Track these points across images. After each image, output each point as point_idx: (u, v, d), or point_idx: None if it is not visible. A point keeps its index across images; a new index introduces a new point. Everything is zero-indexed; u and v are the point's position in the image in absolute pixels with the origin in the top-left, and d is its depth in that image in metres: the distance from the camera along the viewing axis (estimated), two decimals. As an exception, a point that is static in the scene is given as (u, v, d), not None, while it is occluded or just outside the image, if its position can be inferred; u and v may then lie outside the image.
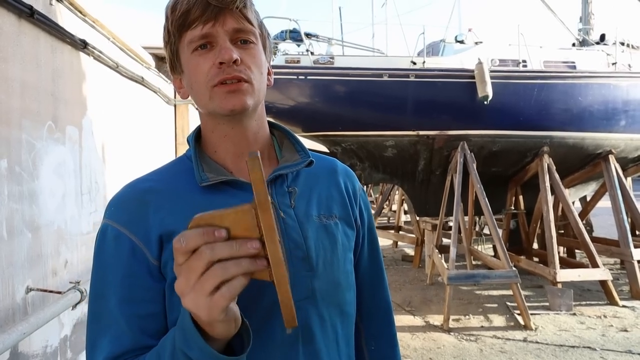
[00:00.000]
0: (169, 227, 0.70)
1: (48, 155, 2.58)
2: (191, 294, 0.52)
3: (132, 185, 0.76)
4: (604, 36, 8.51)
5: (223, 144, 0.78)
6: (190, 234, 0.53)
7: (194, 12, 0.70)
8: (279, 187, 0.77)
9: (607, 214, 7.62)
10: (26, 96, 2.37)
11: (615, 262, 7.84)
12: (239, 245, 0.52)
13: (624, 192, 6.60)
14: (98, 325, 0.69)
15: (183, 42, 0.73)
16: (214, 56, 0.71)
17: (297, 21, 7.17)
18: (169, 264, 0.69)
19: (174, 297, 0.67)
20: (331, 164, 0.90)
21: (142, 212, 0.71)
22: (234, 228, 0.53)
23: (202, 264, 0.51)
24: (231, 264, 0.52)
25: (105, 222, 0.73)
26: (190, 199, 0.72)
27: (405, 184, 7.50)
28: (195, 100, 0.77)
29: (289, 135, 0.87)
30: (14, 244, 2.20)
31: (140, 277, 0.69)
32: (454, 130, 6.57)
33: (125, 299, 0.68)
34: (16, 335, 1.96)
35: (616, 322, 5.14)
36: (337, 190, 0.85)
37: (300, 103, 6.74)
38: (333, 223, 0.80)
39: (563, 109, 6.59)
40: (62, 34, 2.74)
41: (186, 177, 0.75)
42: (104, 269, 0.70)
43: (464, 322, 5.28)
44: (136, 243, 0.69)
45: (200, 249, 0.52)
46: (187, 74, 0.75)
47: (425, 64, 6.78)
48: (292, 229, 0.75)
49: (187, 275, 0.53)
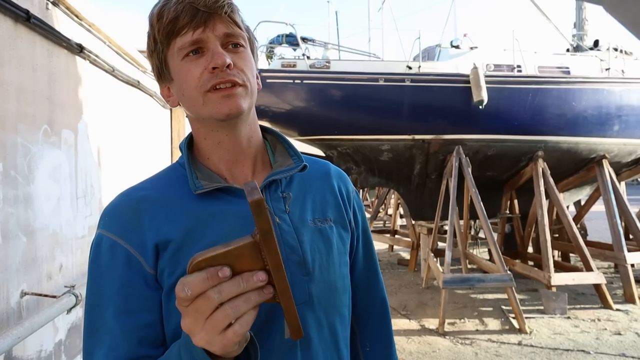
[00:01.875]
0: (165, 235, 0.69)
1: (43, 159, 2.57)
2: (202, 333, 0.52)
3: (125, 194, 0.75)
4: (598, 42, 8.59)
5: (216, 151, 0.77)
6: (193, 280, 0.51)
7: (183, 19, 0.69)
8: (273, 193, 0.77)
9: (601, 218, 7.66)
10: (22, 100, 2.37)
11: (609, 265, 7.87)
12: (246, 281, 0.51)
13: (617, 196, 6.65)
14: (94, 337, 0.68)
15: (172, 49, 0.72)
16: (205, 61, 0.70)
17: (294, 25, 7.20)
18: (165, 271, 0.69)
19: (171, 305, 0.68)
20: (324, 167, 0.90)
21: (136, 221, 0.70)
22: (236, 263, 0.52)
23: (211, 307, 0.51)
24: (241, 301, 0.51)
25: (99, 232, 0.72)
26: (185, 207, 0.72)
27: (401, 188, 7.52)
28: (187, 108, 0.76)
29: (281, 139, 0.86)
30: (8, 248, 2.19)
31: (136, 287, 0.68)
32: (450, 135, 6.60)
33: (122, 310, 0.67)
34: (10, 339, 1.95)
35: (610, 325, 5.16)
36: (331, 194, 0.85)
37: (296, 107, 6.76)
38: (328, 227, 0.80)
39: (557, 113, 6.63)
40: (58, 38, 2.74)
41: (180, 184, 0.75)
42: (99, 280, 0.69)
43: (459, 326, 5.29)
44: (132, 253, 0.69)
45: (207, 293, 0.50)
46: (177, 81, 0.74)
47: (421, 69, 6.82)
48: (287, 234, 0.75)
49: (194, 316, 0.52)
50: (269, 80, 6.57)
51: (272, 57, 7.45)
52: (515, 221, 7.63)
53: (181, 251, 0.69)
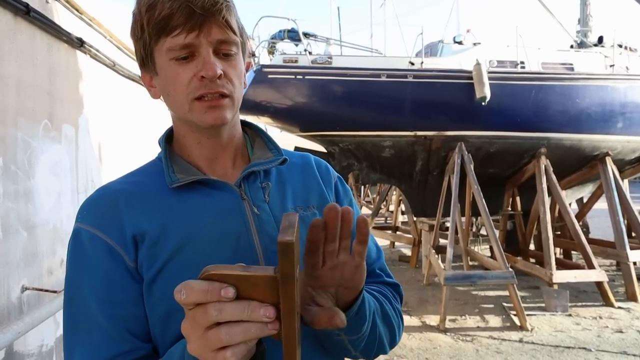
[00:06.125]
0: (141, 228, 0.68)
1: (44, 154, 2.56)
2: (195, 344, 0.50)
3: (103, 188, 0.75)
4: (602, 38, 8.53)
5: (196, 148, 0.77)
6: (193, 287, 0.48)
7: (177, 18, 0.65)
8: (252, 183, 0.76)
9: (604, 216, 7.64)
10: (22, 94, 2.36)
11: (611, 263, 7.86)
12: (251, 311, 0.48)
13: (620, 194, 6.62)
14: (77, 332, 0.66)
15: (161, 46, 0.69)
16: (195, 67, 0.67)
17: (296, 21, 7.18)
18: (144, 265, 0.67)
19: (151, 299, 0.67)
20: (305, 158, 0.89)
21: (114, 214, 0.69)
22: (249, 290, 0.49)
23: (207, 321, 0.48)
24: (239, 330, 0.48)
25: (77, 225, 0.70)
26: (161, 201, 0.71)
27: (403, 185, 7.50)
28: (169, 107, 0.74)
29: (261, 133, 0.86)
30: (9, 243, 2.19)
31: (119, 279, 0.66)
32: (452, 131, 6.57)
33: (106, 301, 0.65)
34: (11, 334, 1.95)
35: (612, 323, 5.16)
36: (314, 181, 0.84)
37: (298, 103, 6.74)
38: (310, 214, 0.78)
39: (560, 110, 6.60)
40: (58, 32, 2.73)
41: (159, 178, 0.74)
42: (80, 273, 0.67)
43: (460, 323, 5.29)
44: (112, 245, 0.67)
45: (207, 307, 0.48)
46: (163, 79, 0.72)
47: (424, 65, 6.78)
48: (266, 223, 0.73)
49: (192, 324, 0.50)
50: (270, 75, 6.55)
51: (274, 53, 7.43)
52: (517, 218, 7.61)
53: (158, 245, 0.68)
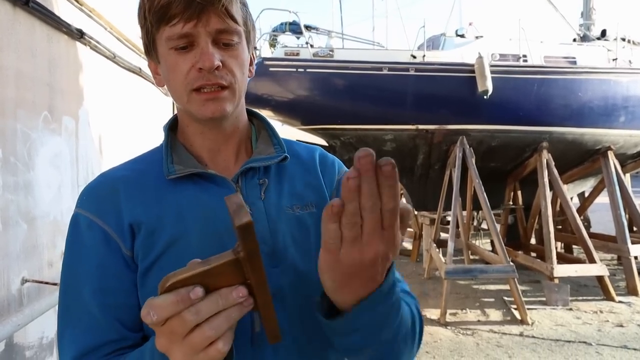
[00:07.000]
0: (138, 217, 0.68)
1: (44, 146, 2.55)
2: (179, 354, 0.48)
3: (104, 175, 0.74)
4: (605, 32, 8.47)
5: (199, 139, 0.76)
6: (160, 304, 0.46)
7: (175, 7, 0.64)
8: (250, 180, 0.74)
9: (605, 210, 7.62)
10: (21, 86, 2.34)
11: (612, 257, 7.85)
12: (225, 299, 0.48)
13: (622, 188, 6.60)
14: (69, 316, 0.66)
15: (161, 34, 0.68)
16: (193, 57, 0.66)
17: (297, 13, 7.14)
18: (139, 254, 0.67)
19: (144, 290, 0.66)
20: (310, 152, 0.85)
21: (113, 201, 0.69)
22: (215, 281, 0.48)
23: (187, 328, 0.47)
24: (222, 320, 0.48)
25: (76, 211, 0.70)
26: (158, 193, 0.70)
27: (404, 178, 7.48)
28: (171, 95, 0.74)
29: (267, 125, 0.83)
30: (9, 235, 2.18)
31: (114, 267, 0.66)
32: (453, 125, 6.55)
33: (99, 288, 0.65)
34: (11, 326, 1.95)
35: (612, 317, 5.16)
36: (315, 178, 0.81)
37: (299, 96, 6.71)
38: (307, 213, 0.76)
39: (563, 104, 6.57)
40: (58, 23, 2.70)
41: (159, 167, 0.73)
42: (76, 259, 0.67)
43: (460, 317, 5.29)
44: (109, 233, 0.67)
45: (183, 315, 0.46)
46: (164, 67, 0.71)
47: (426, 58, 6.75)
48: (258, 222, 0.70)
49: (169, 337, 0.48)
50: (272, 68, 6.52)
51: (275, 46, 7.39)
52: (518, 212, 7.60)
53: (153, 236, 0.67)
